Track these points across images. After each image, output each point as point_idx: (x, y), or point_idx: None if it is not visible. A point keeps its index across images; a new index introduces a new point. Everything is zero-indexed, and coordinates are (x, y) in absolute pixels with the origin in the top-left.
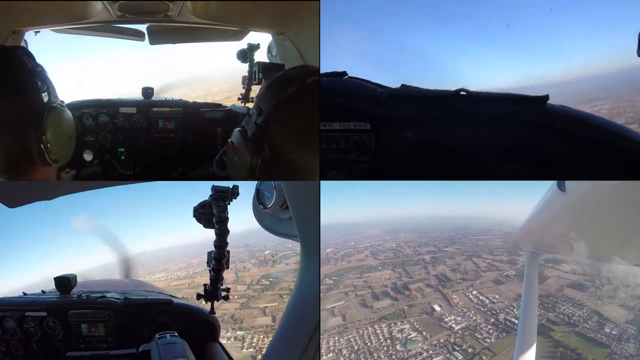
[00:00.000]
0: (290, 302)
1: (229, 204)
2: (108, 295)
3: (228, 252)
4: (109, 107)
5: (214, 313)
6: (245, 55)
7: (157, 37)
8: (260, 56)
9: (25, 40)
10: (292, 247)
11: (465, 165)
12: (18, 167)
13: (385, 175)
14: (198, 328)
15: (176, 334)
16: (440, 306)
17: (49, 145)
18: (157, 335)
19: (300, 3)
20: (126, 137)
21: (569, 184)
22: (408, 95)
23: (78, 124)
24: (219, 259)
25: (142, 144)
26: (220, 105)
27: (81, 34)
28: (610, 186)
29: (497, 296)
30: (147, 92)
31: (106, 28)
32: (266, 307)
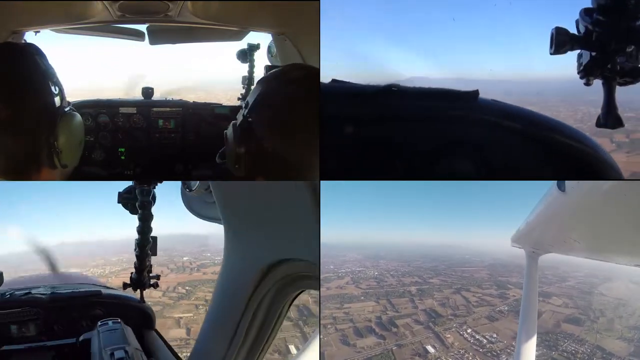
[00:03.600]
0: (217, 289)
1: (154, 188)
2: (34, 291)
3: (154, 238)
4: (109, 107)
5: (144, 301)
6: (245, 55)
7: (157, 37)
8: (260, 56)
9: (25, 40)
10: (211, 257)
11: (400, 162)
12: (24, 170)
13: (327, 172)
14: (132, 317)
15: (119, 321)
16: (434, 347)
17: (60, 150)
18: (99, 323)
19: (300, 3)
20: (126, 137)
21: (569, 183)
22: (337, 91)
23: None
24: (142, 245)
25: (142, 144)
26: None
27: (81, 34)
28: (611, 186)
29: (494, 335)
30: (147, 92)
31: (106, 28)
32: (181, 317)
